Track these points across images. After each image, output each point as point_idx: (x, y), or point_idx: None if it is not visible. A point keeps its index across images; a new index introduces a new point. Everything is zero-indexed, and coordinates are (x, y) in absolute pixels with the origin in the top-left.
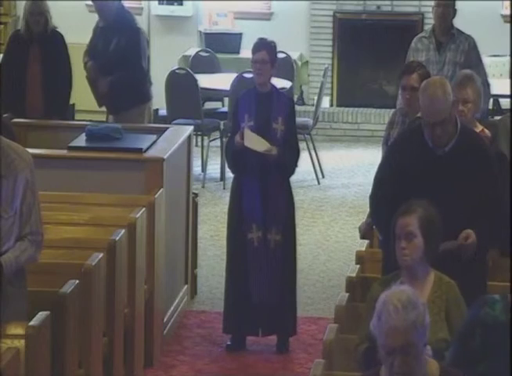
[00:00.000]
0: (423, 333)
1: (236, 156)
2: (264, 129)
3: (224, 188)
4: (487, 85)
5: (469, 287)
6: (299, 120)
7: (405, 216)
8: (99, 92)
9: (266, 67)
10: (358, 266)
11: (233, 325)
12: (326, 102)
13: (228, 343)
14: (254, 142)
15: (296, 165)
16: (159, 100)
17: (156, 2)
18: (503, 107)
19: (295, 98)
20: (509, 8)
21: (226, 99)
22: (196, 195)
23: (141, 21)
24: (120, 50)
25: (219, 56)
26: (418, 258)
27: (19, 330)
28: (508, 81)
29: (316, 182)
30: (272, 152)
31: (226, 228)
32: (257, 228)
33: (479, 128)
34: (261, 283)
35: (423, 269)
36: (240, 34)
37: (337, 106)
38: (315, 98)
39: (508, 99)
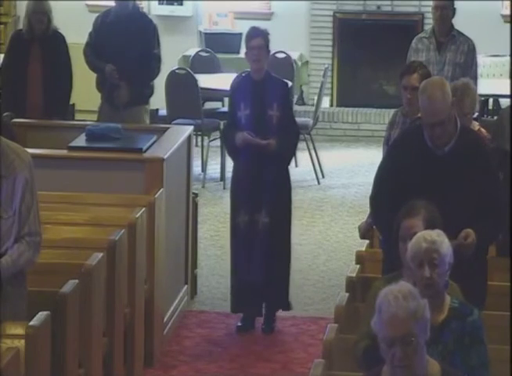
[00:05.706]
0: (424, 327)
1: (233, 146)
2: (260, 117)
3: (224, 188)
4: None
5: (469, 287)
6: (299, 120)
7: (410, 218)
8: (119, 100)
9: (263, 53)
10: (358, 266)
11: (235, 305)
12: (326, 102)
13: (239, 324)
14: None
15: (295, 149)
16: (159, 100)
17: (156, 2)
18: (503, 107)
19: (295, 98)
20: (509, 8)
21: (226, 99)
22: (196, 195)
23: None
24: (134, 42)
25: (219, 56)
26: None
27: (19, 330)
28: (508, 81)
29: (316, 182)
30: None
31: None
32: (245, 212)
33: (475, 127)
34: (248, 264)
35: None
36: (240, 34)
37: (337, 106)
38: (315, 98)
39: (508, 99)
